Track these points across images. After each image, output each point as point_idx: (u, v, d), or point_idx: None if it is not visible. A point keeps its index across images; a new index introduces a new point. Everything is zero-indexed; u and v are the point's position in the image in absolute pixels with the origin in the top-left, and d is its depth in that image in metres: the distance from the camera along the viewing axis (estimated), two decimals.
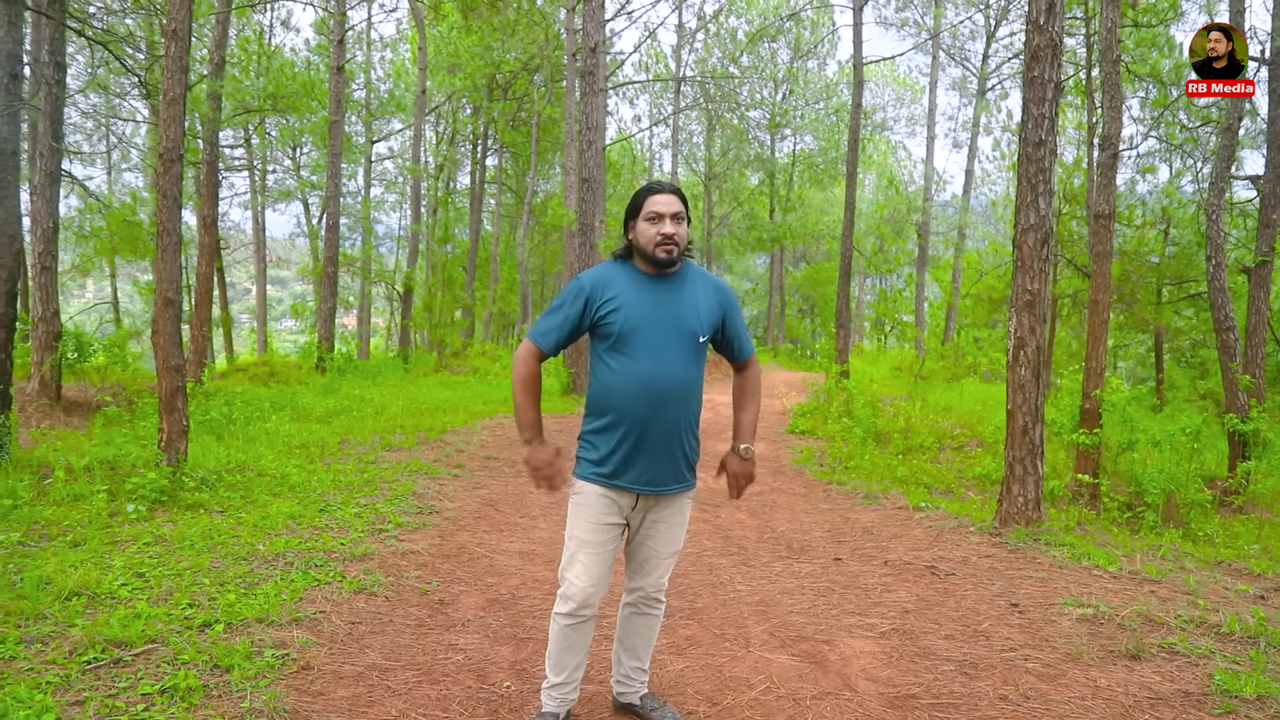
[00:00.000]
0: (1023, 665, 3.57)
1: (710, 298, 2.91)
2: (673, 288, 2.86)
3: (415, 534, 5.68)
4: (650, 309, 2.80)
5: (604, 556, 2.86)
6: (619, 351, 2.79)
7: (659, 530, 2.94)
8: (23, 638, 3.59)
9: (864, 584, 4.84)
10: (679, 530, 2.97)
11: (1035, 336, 6.03)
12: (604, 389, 2.83)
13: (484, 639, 3.88)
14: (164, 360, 6.74)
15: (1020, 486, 6.09)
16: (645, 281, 2.85)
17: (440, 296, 24.37)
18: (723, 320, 2.94)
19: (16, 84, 7.30)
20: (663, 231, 2.76)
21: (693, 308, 2.85)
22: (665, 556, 2.98)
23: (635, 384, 2.77)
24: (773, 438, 11.50)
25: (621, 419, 2.79)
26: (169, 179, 6.54)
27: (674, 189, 2.85)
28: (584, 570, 2.84)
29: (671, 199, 2.81)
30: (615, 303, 2.80)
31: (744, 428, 3.03)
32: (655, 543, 2.94)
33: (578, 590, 2.85)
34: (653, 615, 3.08)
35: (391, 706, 3.15)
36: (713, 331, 2.91)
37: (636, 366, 2.77)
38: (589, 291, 2.83)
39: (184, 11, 6.31)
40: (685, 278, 2.91)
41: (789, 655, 3.70)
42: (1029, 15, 6.02)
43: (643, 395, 2.76)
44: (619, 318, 2.78)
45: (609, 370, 2.82)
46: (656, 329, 2.79)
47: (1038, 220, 5.96)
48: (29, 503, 5.89)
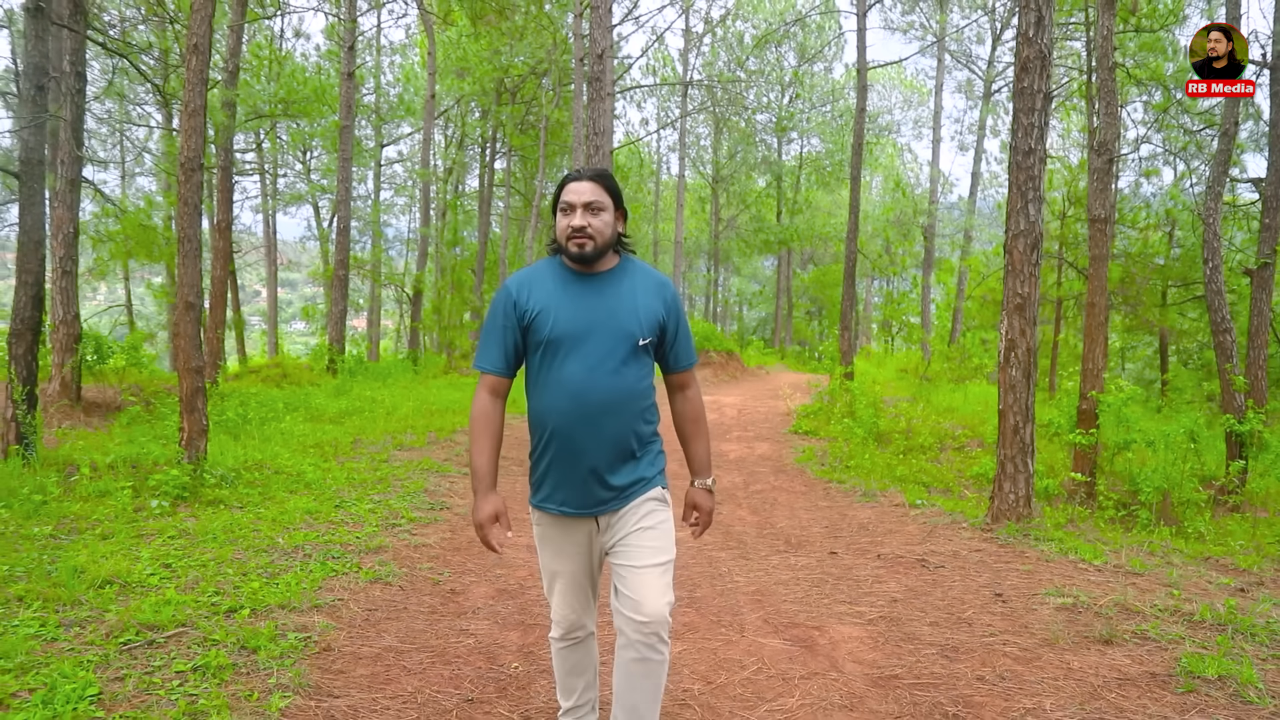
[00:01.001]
0: (1001, 649, 3.79)
1: (652, 298, 2.59)
2: (607, 286, 2.55)
3: (427, 528, 5.91)
4: (580, 311, 2.51)
5: (579, 581, 2.67)
6: (548, 361, 2.52)
7: (635, 539, 2.55)
8: (62, 621, 3.83)
9: (856, 576, 5.05)
10: (657, 536, 2.56)
11: (1026, 339, 6.23)
12: (536, 403, 2.57)
13: (493, 625, 4.11)
14: (185, 362, 6.99)
15: (1011, 484, 6.29)
16: (575, 281, 2.56)
17: (449, 299, 24.66)
18: (664, 322, 2.61)
19: (43, 96, 7.57)
20: (573, 224, 2.48)
21: (630, 307, 2.54)
22: (648, 569, 2.51)
23: (566, 398, 2.48)
24: (776, 438, 11.70)
25: (554, 438, 2.53)
26: (190, 187, 6.79)
27: (594, 175, 2.55)
28: (563, 599, 2.68)
29: (587, 186, 2.51)
30: (540, 305, 2.52)
31: (699, 461, 2.74)
32: (633, 555, 2.53)
33: (562, 617, 2.70)
34: (654, 661, 2.50)
35: (408, 684, 3.38)
36: (655, 333, 2.58)
37: (567, 377, 2.48)
38: (515, 294, 2.56)
39: (204, 27, 6.56)
40: (624, 274, 2.60)
41: (781, 640, 3.92)
42: (1019, 28, 6.23)
43: (575, 410, 2.48)
44: (546, 322, 2.50)
45: (539, 383, 2.55)
46: (588, 333, 2.49)
47: (1028, 226, 6.17)
48: (57, 498, 6.15)
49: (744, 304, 55.23)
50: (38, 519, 5.62)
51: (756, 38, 30.74)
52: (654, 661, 2.48)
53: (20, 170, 7.55)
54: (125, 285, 29.61)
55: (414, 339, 26.22)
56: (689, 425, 2.74)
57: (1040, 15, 6.08)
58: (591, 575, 2.69)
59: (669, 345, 2.65)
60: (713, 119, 35.16)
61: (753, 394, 18.08)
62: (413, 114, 30.85)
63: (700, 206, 41.42)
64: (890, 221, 35.67)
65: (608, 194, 2.53)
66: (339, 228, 19.92)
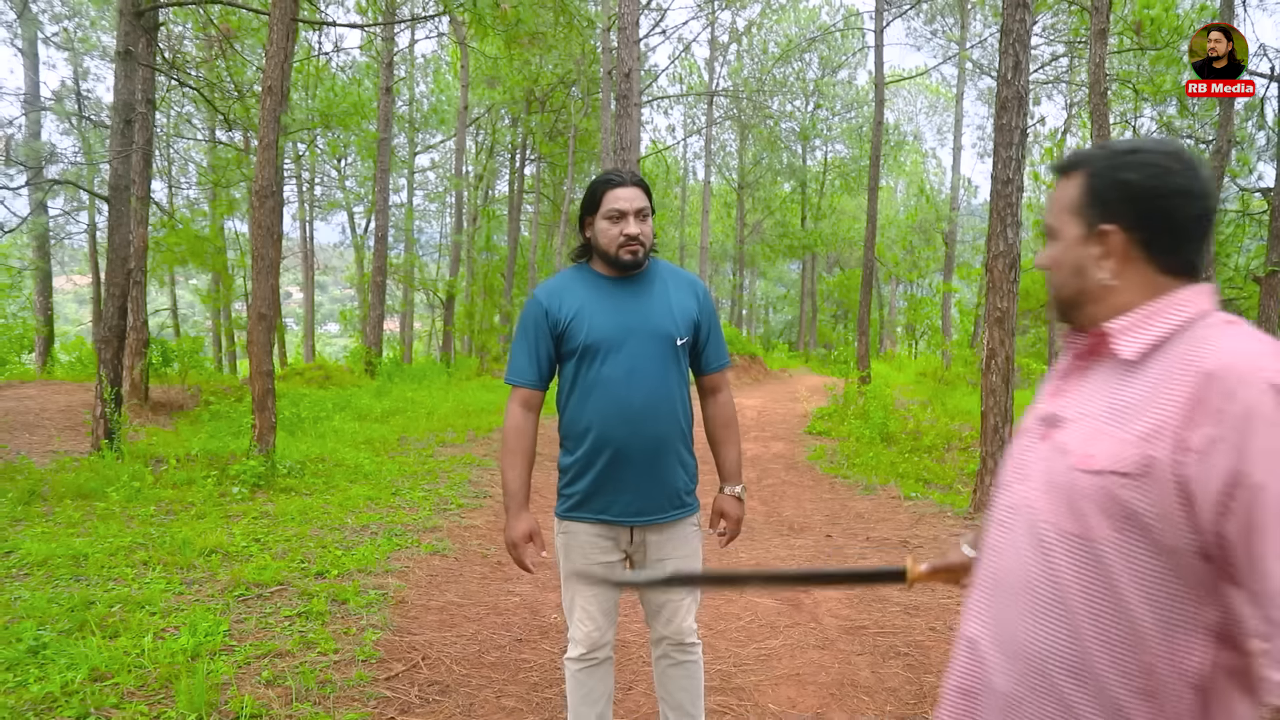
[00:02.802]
0: (954, 609, 4.56)
1: (684, 295, 2.60)
2: (639, 289, 2.56)
3: (474, 513, 6.76)
4: (615, 315, 2.51)
5: (605, 597, 2.61)
6: (586, 367, 2.52)
7: (667, 569, 2.58)
8: (184, 580, 4.70)
9: (845, 554, 5.84)
10: (691, 564, 2.64)
11: (1005, 348, 6.98)
12: (574, 412, 2.56)
13: (535, 588, 4.93)
14: (257, 365, 7.89)
15: (991, 477, 7.03)
16: (607, 285, 2.56)
17: (482, 304, 25.59)
18: (699, 320, 2.62)
19: (130, 129, 8.51)
20: (626, 232, 2.46)
21: (664, 308, 2.55)
22: (680, 598, 2.61)
23: (605, 401, 2.49)
24: (791, 438, 12.46)
25: (597, 443, 2.50)
26: (264, 211, 7.69)
27: (636, 180, 2.52)
28: (585, 615, 2.60)
29: (634, 193, 2.49)
30: (573, 312, 2.51)
31: (730, 467, 2.73)
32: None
33: (583, 635, 2.60)
34: (689, 663, 2.67)
35: (469, 628, 4.22)
36: (691, 331, 2.59)
37: (607, 381, 2.49)
38: (545, 304, 2.55)
39: (278, 72, 7.45)
40: (654, 276, 2.61)
41: (772, 600, 4.71)
42: (999, 71, 6.98)
43: (617, 413, 2.48)
44: (580, 328, 2.50)
45: (577, 390, 2.55)
46: (626, 337, 2.49)
47: (1006, 248, 6.91)
48: (151, 485, 7.06)
49: (770, 308, 55.81)
50: (138, 502, 6.53)
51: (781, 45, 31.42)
52: (690, 663, 2.67)
53: (110, 195, 8.49)
54: (170, 290, 30.92)
55: (447, 342, 27.19)
56: (720, 430, 2.72)
57: (1018, 60, 6.83)
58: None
59: (702, 344, 2.64)
60: (738, 125, 35.89)
61: (773, 397, 18.82)
62: (445, 124, 31.89)
63: (726, 212, 42.15)
64: (913, 228, 36.27)
65: (649, 198, 2.53)
66: (376, 235, 20.89)
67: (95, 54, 22.16)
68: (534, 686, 3.59)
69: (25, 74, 19.80)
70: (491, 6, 10.09)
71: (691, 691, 2.68)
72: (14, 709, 3.09)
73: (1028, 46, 6.82)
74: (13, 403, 11.06)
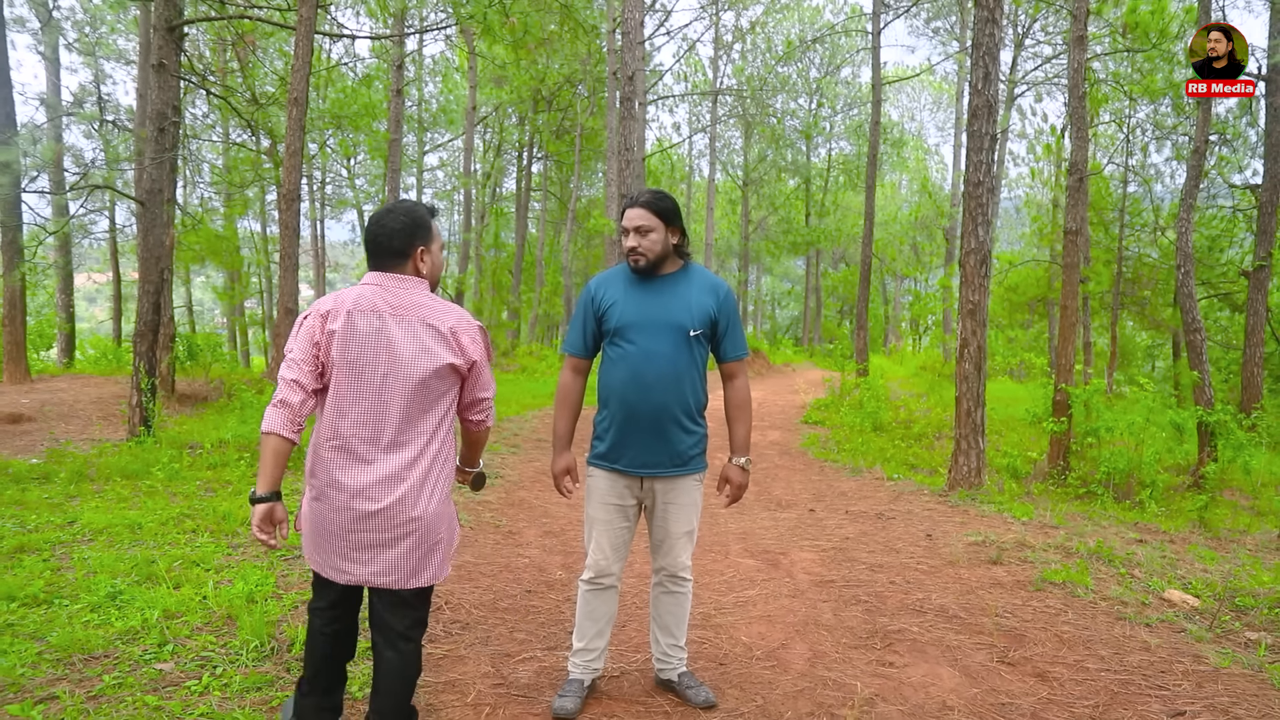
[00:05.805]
0: (914, 567, 5.13)
1: (705, 295, 3.16)
2: (666, 287, 3.16)
3: (486, 492, 7.34)
4: (640, 306, 3.12)
5: (615, 532, 3.21)
6: (615, 344, 3.16)
7: (670, 512, 3.20)
8: (230, 544, 5.29)
9: (824, 524, 6.41)
10: (689, 512, 3.22)
11: (976, 338, 7.53)
12: (605, 379, 3.20)
13: (542, 552, 5.52)
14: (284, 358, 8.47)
15: (965, 458, 7.60)
16: (639, 283, 3.18)
17: (490, 299, 26.17)
18: (715, 317, 3.17)
19: (164, 136, 9.10)
20: (627, 245, 3.11)
21: (684, 305, 3.12)
22: (677, 537, 3.22)
23: (626, 372, 3.11)
24: (788, 427, 13.02)
25: (615, 405, 3.15)
26: (290, 214, 8.28)
27: (645, 201, 3.10)
28: (598, 545, 3.21)
29: (639, 213, 3.09)
30: (611, 301, 3.16)
31: (739, 441, 3.28)
32: (667, 524, 3.21)
33: (594, 561, 3.23)
34: (679, 593, 3.32)
35: (484, 581, 4.80)
36: (705, 326, 3.14)
37: (627, 357, 3.10)
38: (594, 291, 3.22)
39: (303, 84, 8.04)
40: (684, 277, 3.20)
41: (754, 560, 5.29)
42: (971, 80, 7.52)
43: (631, 381, 3.09)
44: (614, 314, 3.14)
45: (608, 361, 3.20)
46: (647, 323, 3.10)
47: (977, 245, 7.46)
48: (189, 466, 7.66)
49: (775, 304, 56.24)
50: (179, 480, 7.13)
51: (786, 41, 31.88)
52: (680, 593, 3.33)
53: (145, 199, 9.09)
54: (186, 287, 31.60)
55: None
56: (733, 410, 3.28)
57: (987, 71, 7.38)
58: (629, 527, 3.25)
59: (720, 337, 3.21)
60: (743, 123, 36.36)
61: (774, 389, 19.37)
62: (453, 123, 32.46)
63: (731, 208, 42.62)
64: (915, 224, 36.73)
65: (656, 216, 3.08)
66: None
67: (111, 58, 22.81)
68: (541, 624, 4.17)
69: (47, 78, 20.45)
70: (500, 18, 10.66)
71: (678, 616, 3.35)
72: (105, 638, 3.69)
73: (997, 59, 7.36)
74: (48, 395, 11.69)
